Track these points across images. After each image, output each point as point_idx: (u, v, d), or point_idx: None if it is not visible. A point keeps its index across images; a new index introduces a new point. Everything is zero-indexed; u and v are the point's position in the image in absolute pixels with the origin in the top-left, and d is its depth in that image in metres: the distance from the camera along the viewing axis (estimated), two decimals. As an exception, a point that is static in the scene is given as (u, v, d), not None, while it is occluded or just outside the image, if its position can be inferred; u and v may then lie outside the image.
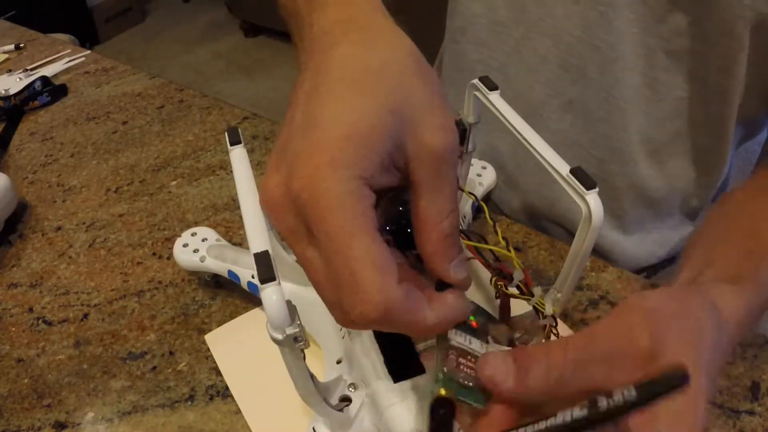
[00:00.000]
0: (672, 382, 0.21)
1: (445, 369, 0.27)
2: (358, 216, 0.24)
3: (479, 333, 0.30)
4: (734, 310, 0.32)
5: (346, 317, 0.25)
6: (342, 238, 0.24)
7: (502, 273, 0.38)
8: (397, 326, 0.25)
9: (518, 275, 0.37)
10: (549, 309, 0.37)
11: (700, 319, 0.28)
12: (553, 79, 0.56)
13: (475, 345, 0.30)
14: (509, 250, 0.37)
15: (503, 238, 0.37)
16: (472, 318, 0.29)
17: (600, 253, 0.63)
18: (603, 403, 0.22)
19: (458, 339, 0.29)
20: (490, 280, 0.38)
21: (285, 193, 0.25)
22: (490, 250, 0.38)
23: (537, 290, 0.37)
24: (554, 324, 0.37)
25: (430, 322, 0.26)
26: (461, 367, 0.28)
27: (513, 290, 0.37)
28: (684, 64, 0.51)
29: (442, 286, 0.29)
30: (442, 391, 0.27)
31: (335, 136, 0.24)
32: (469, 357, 0.28)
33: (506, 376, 0.26)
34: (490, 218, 0.39)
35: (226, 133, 0.36)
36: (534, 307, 0.37)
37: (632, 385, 0.22)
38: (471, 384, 0.27)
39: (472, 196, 0.42)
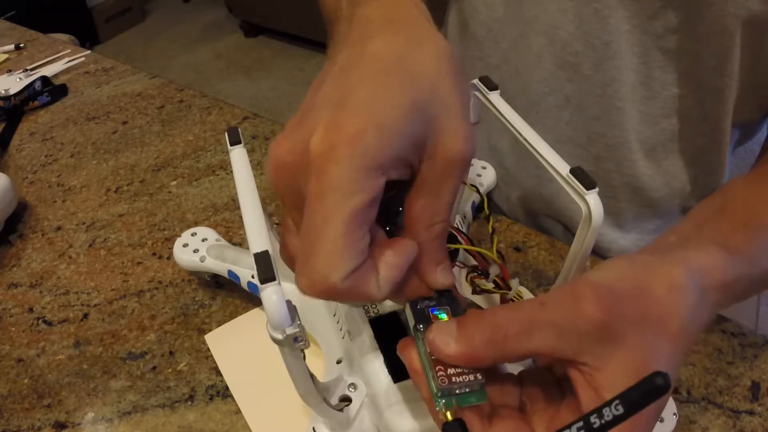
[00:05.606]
0: (653, 390, 0.21)
1: (438, 388, 0.27)
2: (349, 203, 0.25)
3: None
4: (721, 271, 0.31)
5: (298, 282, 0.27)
6: (324, 215, 0.25)
7: (477, 269, 0.37)
8: (343, 301, 0.27)
9: (494, 270, 0.37)
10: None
11: (664, 303, 0.28)
12: (548, 77, 0.57)
13: None
14: (491, 241, 0.37)
15: (492, 228, 0.37)
16: (443, 316, 0.29)
17: (598, 252, 0.63)
18: (595, 420, 0.22)
19: None
20: (466, 277, 0.38)
21: (300, 156, 0.26)
22: (465, 250, 0.37)
23: (514, 283, 0.36)
24: None
25: (379, 296, 0.27)
26: (453, 379, 0.27)
27: (489, 285, 0.37)
28: (677, 61, 0.51)
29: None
30: (448, 415, 0.27)
31: (361, 122, 0.25)
32: None
33: (448, 341, 0.26)
34: (488, 211, 0.39)
35: (226, 133, 0.36)
36: (512, 300, 0.37)
37: (617, 400, 0.22)
38: (467, 390, 0.27)
39: (473, 188, 0.42)
